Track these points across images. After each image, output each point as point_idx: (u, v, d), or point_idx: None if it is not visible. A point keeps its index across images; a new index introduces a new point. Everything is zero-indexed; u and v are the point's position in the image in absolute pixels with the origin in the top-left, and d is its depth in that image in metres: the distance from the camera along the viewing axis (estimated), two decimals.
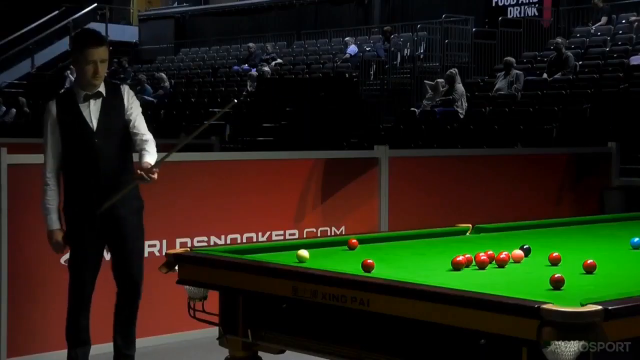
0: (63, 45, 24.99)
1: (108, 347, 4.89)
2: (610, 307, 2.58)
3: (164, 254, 4.05)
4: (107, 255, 5.73)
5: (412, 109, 14.45)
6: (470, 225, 4.68)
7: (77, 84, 4.62)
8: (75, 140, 4.54)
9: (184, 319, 4.34)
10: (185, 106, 17.66)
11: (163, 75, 19.39)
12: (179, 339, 5.81)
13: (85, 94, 4.56)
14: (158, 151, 4.60)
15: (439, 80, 14.20)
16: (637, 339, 2.65)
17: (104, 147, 4.52)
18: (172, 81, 20.47)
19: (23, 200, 5.55)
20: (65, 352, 4.74)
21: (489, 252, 3.63)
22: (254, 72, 18.23)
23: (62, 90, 4.69)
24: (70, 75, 21.38)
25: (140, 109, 4.67)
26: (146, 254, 4.93)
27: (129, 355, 4.71)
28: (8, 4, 23.99)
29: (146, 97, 18.55)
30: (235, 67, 20.10)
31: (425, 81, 14.69)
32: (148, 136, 4.57)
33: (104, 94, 4.59)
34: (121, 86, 4.72)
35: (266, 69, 18.20)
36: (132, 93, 4.70)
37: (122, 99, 4.62)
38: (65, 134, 4.54)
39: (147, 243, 5.41)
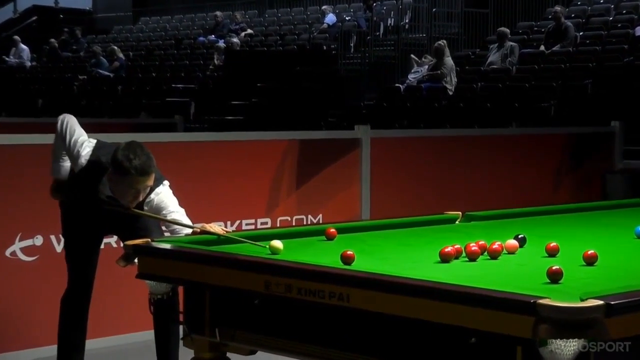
0: (7, 12, 24.74)
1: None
2: (612, 302, 2.60)
3: (121, 245, 4.04)
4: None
5: (396, 85, 14.46)
6: (460, 212, 4.70)
7: (111, 189, 4.45)
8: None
9: (145, 317, 4.34)
10: (145, 82, 17.57)
11: (115, 48, 19.26)
12: (140, 338, 5.81)
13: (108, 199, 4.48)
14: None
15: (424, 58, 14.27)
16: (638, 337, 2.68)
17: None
18: (131, 54, 20.32)
19: None
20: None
21: (480, 242, 3.65)
22: (221, 43, 18.15)
23: (95, 159, 4.50)
24: (18, 45, 21.15)
25: (170, 210, 4.43)
26: (102, 246, 4.92)
27: None
28: None
29: (101, 71, 18.43)
30: (201, 38, 19.99)
31: (412, 55, 14.70)
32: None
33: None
34: (153, 192, 4.43)
35: (235, 40, 18.13)
36: (159, 198, 4.44)
37: (142, 209, 4.44)
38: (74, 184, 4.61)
39: None
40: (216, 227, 4.10)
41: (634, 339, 2.68)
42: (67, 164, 4.68)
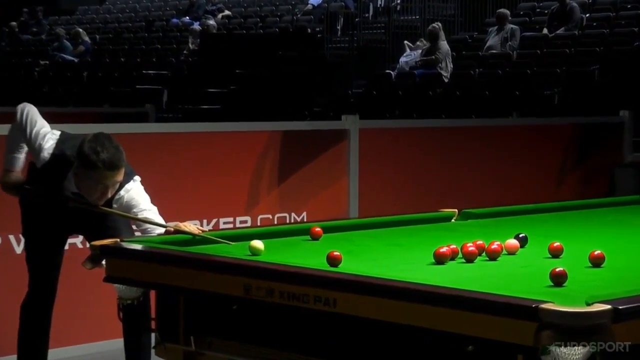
0: None
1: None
2: (620, 307, 2.62)
3: (87, 246, 4.03)
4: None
5: (387, 71, 14.46)
6: (456, 210, 4.72)
7: (77, 185, 4.43)
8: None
9: (113, 325, 4.34)
10: (113, 67, 17.52)
11: (80, 30, 19.20)
12: (108, 347, 5.80)
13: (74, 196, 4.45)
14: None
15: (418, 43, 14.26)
16: None
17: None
18: (97, 37, 20.26)
19: None
20: None
21: (478, 242, 3.67)
22: (196, 26, 18.12)
23: (59, 153, 4.47)
24: None
25: (142, 207, 4.41)
26: (67, 247, 4.91)
27: None
28: None
29: (65, 56, 18.37)
30: (174, 20, 19.95)
31: (406, 42, 14.70)
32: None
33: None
34: (123, 188, 4.42)
35: (211, 22, 18.10)
36: (129, 195, 4.42)
37: (110, 206, 4.42)
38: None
39: None
40: (191, 226, 4.10)
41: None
42: (22, 155, 4.67)
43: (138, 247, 3.76)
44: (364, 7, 17.60)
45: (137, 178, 4.53)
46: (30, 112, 4.63)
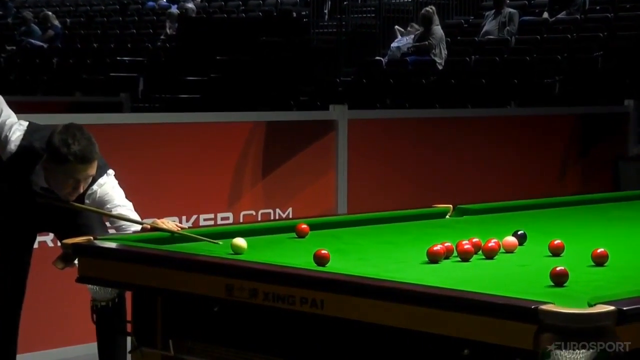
0: None
1: None
2: (624, 308, 2.63)
3: (59, 244, 4.03)
4: None
5: (378, 58, 14.48)
6: (451, 205, 4.73)
7: (46, 179, 4.42)
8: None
9: (86, 328, 4.34)
10: (85, 53, 17.49)
11: (49, 13, 19.14)
12: (81, 352, 5.80)
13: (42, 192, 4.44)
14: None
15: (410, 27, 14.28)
16: None
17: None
18: (68, 20, 20.21)
19: None
20: None
21: (474, 240, 3.68)
22: (174, 9, 18.10)
23: (27, 145, 4.46)
24: None
25: (116, 203, 4.41)
26: (36, 245, 4.90)
27: None
28: None
29: (33, 41, 18.31)
30: (150, 3, 19.91)
31: (397, 27, 14.71)
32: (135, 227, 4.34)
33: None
34: (96, 183, 4.41)
35: (190, 5, 18.08)
36: (102, 190, 4.42)
37: (82, 202, 4.41)
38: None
39: None
40: (169, 224, 4.10)
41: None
42: None
43: (112, 245, 3.76)
44: None
45: (111, 172, 4.53)
46: None
